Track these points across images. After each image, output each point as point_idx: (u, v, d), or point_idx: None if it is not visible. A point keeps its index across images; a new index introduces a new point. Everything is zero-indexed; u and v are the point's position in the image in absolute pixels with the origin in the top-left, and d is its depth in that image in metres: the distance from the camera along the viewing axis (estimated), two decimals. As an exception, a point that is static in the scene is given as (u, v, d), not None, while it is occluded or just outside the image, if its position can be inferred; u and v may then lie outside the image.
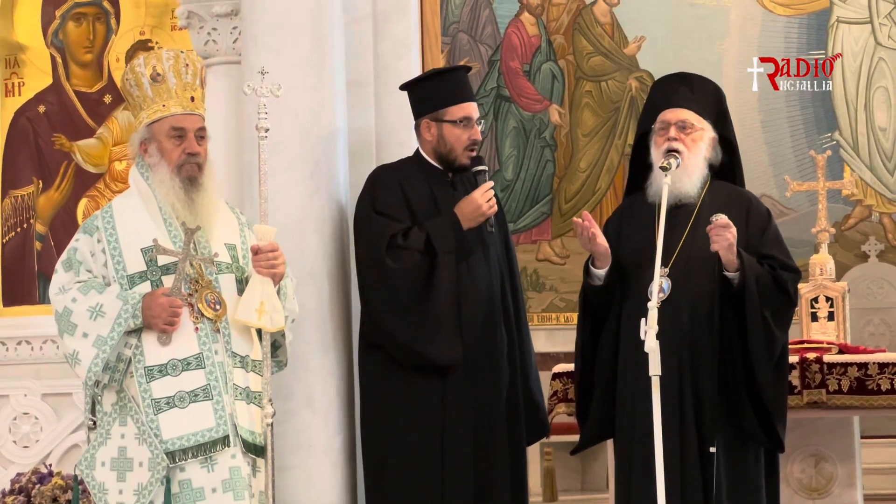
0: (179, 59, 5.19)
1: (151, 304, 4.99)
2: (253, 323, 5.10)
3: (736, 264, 5.35)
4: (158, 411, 4.97)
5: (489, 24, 10.29)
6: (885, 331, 9.79)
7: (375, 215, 5.71)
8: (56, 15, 8.98)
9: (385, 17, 6.45)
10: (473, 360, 5.66)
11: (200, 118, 5.20)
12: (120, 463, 5.01)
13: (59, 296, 5.08)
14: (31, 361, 8.63)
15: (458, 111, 5.79)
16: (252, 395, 5.14)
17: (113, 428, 5.04)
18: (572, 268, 9.96)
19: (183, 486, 4.96)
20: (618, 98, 10.26)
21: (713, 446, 5.33)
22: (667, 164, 5.36)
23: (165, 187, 5.12)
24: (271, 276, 5.15)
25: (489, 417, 5.69)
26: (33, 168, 8.96)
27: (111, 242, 5.10)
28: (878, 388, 6.23)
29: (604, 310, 5.57)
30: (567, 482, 9.49)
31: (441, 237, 5.65)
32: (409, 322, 5.61)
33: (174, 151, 5.14)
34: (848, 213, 10.06)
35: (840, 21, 10.17)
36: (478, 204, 5.68)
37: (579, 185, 10.26)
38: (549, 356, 8.93)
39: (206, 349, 5.05)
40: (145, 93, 5.16)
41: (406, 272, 5.62)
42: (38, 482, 7.59)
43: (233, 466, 5.01)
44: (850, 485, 6.65)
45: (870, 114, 10.09)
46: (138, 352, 5.02)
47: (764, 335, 5.35)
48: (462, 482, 5.61)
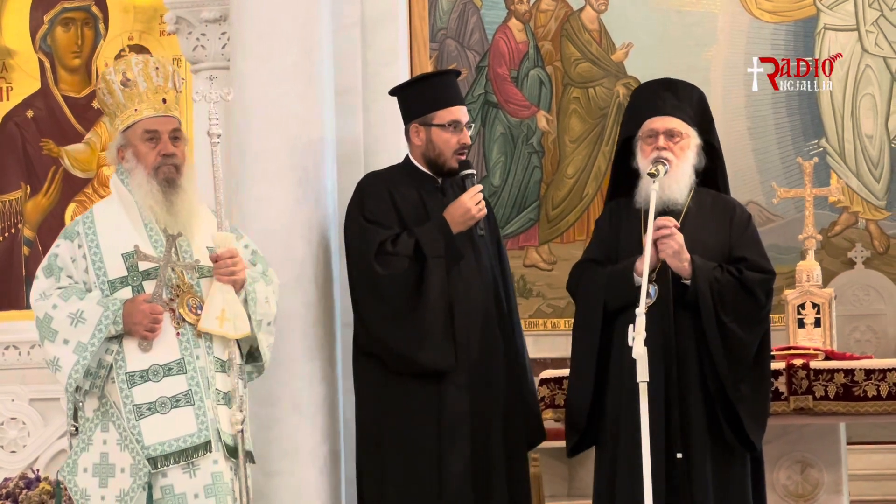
0: (149, 63, 5.20)
1: (132, 310, 4.99)
2: (215, 331, 5.08)
3: (688, 270, 5.38)
4: (140, 417, 4.97)
5: (477, 30, 10.29)
6: (872, 337, 9.80)
7: (365, 223, 5.71)
8: (44, 20, 8.99)
9: (373, 24, 6.45)
10: (468, 366, 5.66)
11: (175, 120, 5.19)
12: (102, 469, 5.01)
13: (40, 302, 5.08)
14: (19, 366, 8.63)
15: (447, 115, 5.78)
16: (232, 398, 5.13)
17: (95, 434, 5.04)
18: (559, 274, 9.95)
19: (165, 491, 4.96)
20: (605, 104, 10.26)
21: (691, 452, 5.35)
22: (655, 170, 5.38)
23: (143, 191, 5.11)
24: (231, 282, 5.13)
25: (486, 423, 5.68)
26: (21, 173, 8.96)
27: (92, 248, 5.10)
28: (865, 395, 6.25)
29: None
30: (554, 488, 9.48)
31: (430, 242, 5.65)
32: (399, 329, 5.61)
33: (149, 154, 5.13)
34: (834, 220, 10.07)
35: (827, 28, 10.19)
36: (466, 207, 5.67)
37: (567, 191, 10.26)
38: (536, 362, 8.90)
39: (187, 354, 5.05)
40: (118, 99, 5.17)
41: (395, 278, 5.62)
42: (26, 487, 7.59)
43: (215, 472, 5.01)
44: (836, 491, 6.66)
45: (856, 121, 10.10)
46: (119, 357, 5.03)
47: (721, 339, 5.37)
48: (459, 489, 5.61)
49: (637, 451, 4.99)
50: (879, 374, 6.25)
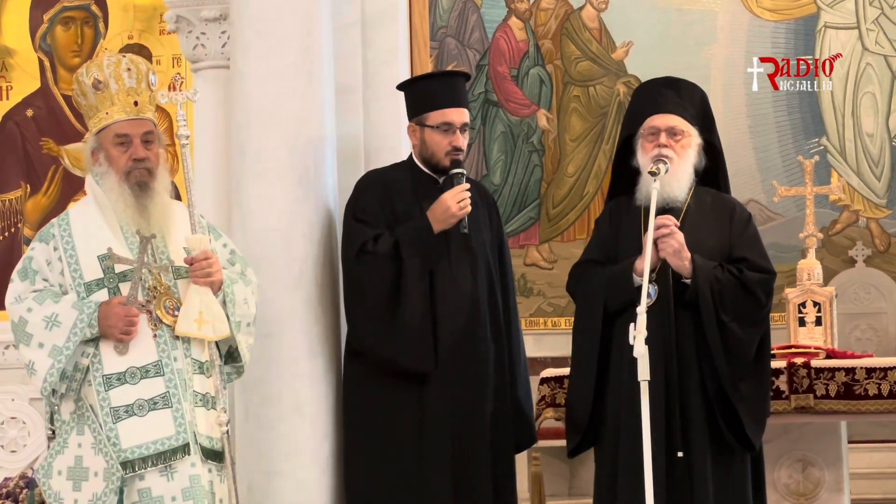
0: (121, 63, 5.15)
1: (107, 313, 4.96)
2: (194, 333, 5.05)
3: (688, 269, 5.38)
4: (117, 420, 4.94)
5: (477, 28, 10.29)
6: (873, 336, 9.80)
7: (354, 222, 5.72)
8: (44, 19, 8.98)
9: (373, 23, 6.45)
10: (452, 368, 5.64)
11: (147, 122, 5.15)
12: (76, 472, 4.98)
13: (15, 305, 5.05)
14: (19, 366, 8.58)
15: (439, 116, 5.76)
16: (210, 400, 5.10)
17: (70, 437, 5.02)
18: (560, 272, 9.95)
19: (142, 494, 4.94)
20: (606, 103, 10.26)
21: (691, 451, 5.34)
22: (656, 168, 5.37)
23: (115, 194, 5.08)
24: (208, 284, 5.10)
25: (470, 426, 5.66)
26: (21, 172, 8.95)
27: (67, 250, 5.07)
28: (866, 393, 6.25)
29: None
30: (554, 487, 9.48)
31: (408, 242, 5.63)
32: (379, 328, 5.61)
33: (120, 158, 5.09)
34: (835, 219, 10.07)
35: (827, 26, 10.19)
36: (447, 206, 5.63)
37: (567, 189, 10.26)
38: (537, 361, 8.93)
39: (164, 356, 5.02)
40: (90, 101, 5.14)
41: (372, 278, 5.62)
42: (26, 487, 7.58)
43: (192, 475, 4.98)
44: (837, 490, 6.67)
45: (857, 119, 10.10)
46: (96, 360, 5.00)
47: (721, 338, 5.37)
48: (440, 491, 5.60)
49: (638, 450, 4.98)
50: (880, 372, 6.26)
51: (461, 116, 5.78)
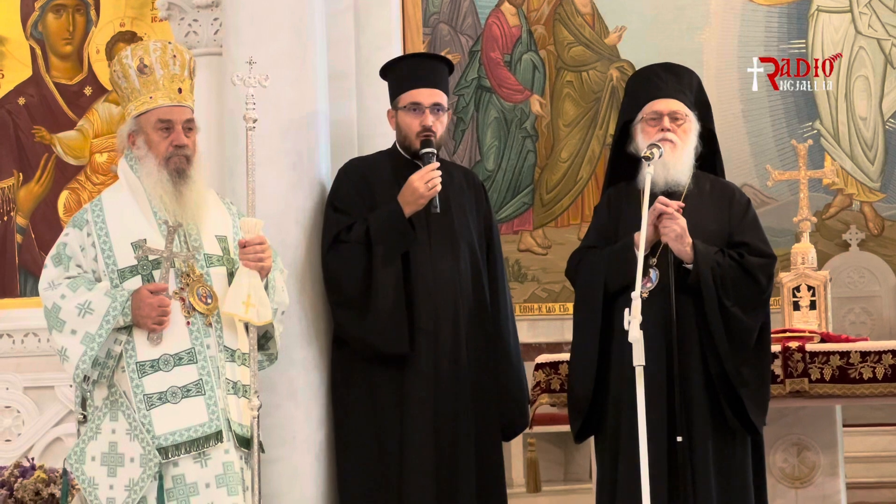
0: (167, 49, 5.16)
1: (140, 303, 4.97)
2: (240, 316, 5.08)
3: (689, 255, 5.37)
4: (151, 407, 4.95)
5: (470, 14, 10.28)
6: (867, 319, 9.82)
7: (332, 212, 5.75)
8: (35, 6, 8.95)
9: (366, 8, 6.44)
10: (431, 352, 5.66)
11: (189, 110, 5.18)
12: (111, 458, 4.99)
13: (49, 291, 5.06)
14: (13, 355, 8.61)
15: (407, 97, 5.77)
16: (242, 388, 5.12)
17: (104, 423, 5.02)
18: (554, 258, 9.97)
19: (176, 481, 4.95)
20: (599, 88, 10.26)
21: (692, 436, 5.34)
22: (650, 153, 5.36)
23: (153, 180, 5.09)
24: (258, 268, 5.13)
25: (451, 411, 5.67)
26: (13, 160, 8.92)
27: (101, 237, 5.08)
28: (860, 377, 6.25)
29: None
30: (550, 473, 9.50)
31: (377, 228, 5.64)
32: (355, 315, 5.63)
33: (161, 144, 5.11)
34: (829, 202, 10.09)
35: (820, 10, 10.19)
36: (414, 187, 5.61)
37: (561, 175, 10.26)
38: (532, 346, 8.95)
39: (198, 344, 5.03)
40: (133, 84, 5.14)
41: (345, 266, 5.64)
42: (21, 476, 7.57)
43: (226, 461, 5.00)
44: (832, 473, 6.67)
45: (850, 103, 10.11)
46: (129, 347, 5.01)
47: (723, 323, 5.37)
48: (421, 475, 5.60)
49: (638, 434, 4.98)
50: (875, 356, 6.25)
51: (431, 97, 5.77)
